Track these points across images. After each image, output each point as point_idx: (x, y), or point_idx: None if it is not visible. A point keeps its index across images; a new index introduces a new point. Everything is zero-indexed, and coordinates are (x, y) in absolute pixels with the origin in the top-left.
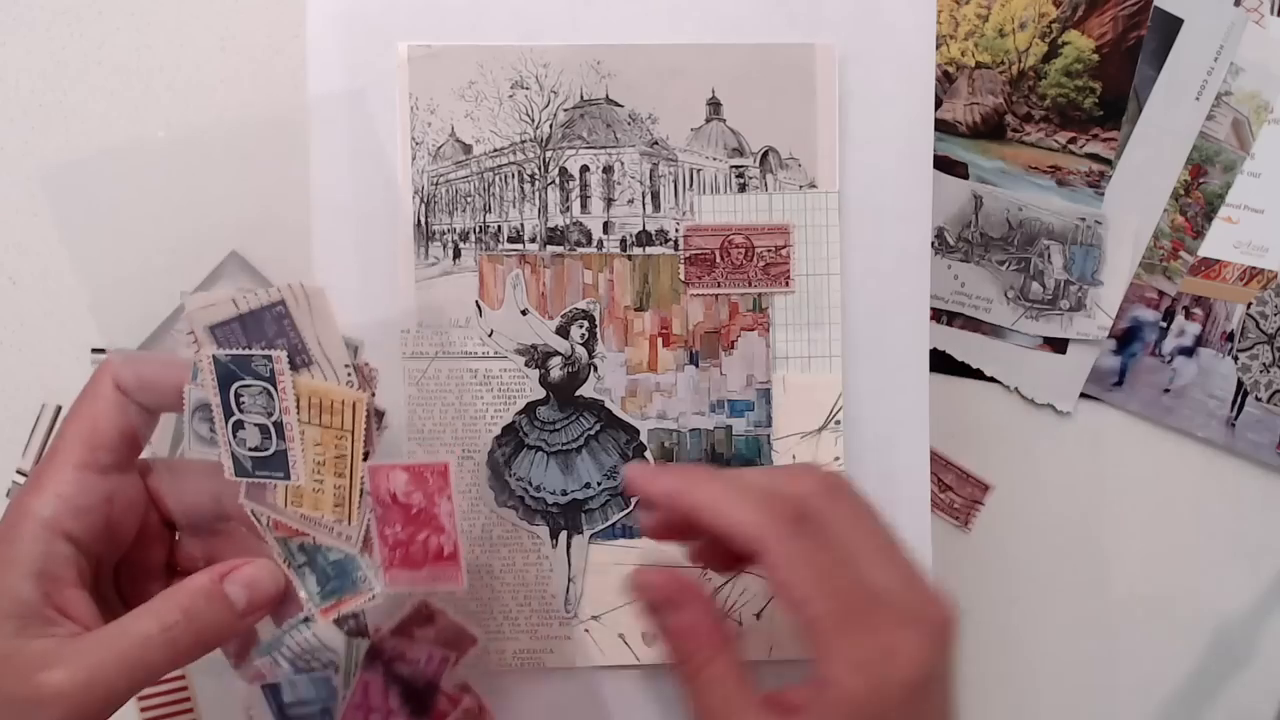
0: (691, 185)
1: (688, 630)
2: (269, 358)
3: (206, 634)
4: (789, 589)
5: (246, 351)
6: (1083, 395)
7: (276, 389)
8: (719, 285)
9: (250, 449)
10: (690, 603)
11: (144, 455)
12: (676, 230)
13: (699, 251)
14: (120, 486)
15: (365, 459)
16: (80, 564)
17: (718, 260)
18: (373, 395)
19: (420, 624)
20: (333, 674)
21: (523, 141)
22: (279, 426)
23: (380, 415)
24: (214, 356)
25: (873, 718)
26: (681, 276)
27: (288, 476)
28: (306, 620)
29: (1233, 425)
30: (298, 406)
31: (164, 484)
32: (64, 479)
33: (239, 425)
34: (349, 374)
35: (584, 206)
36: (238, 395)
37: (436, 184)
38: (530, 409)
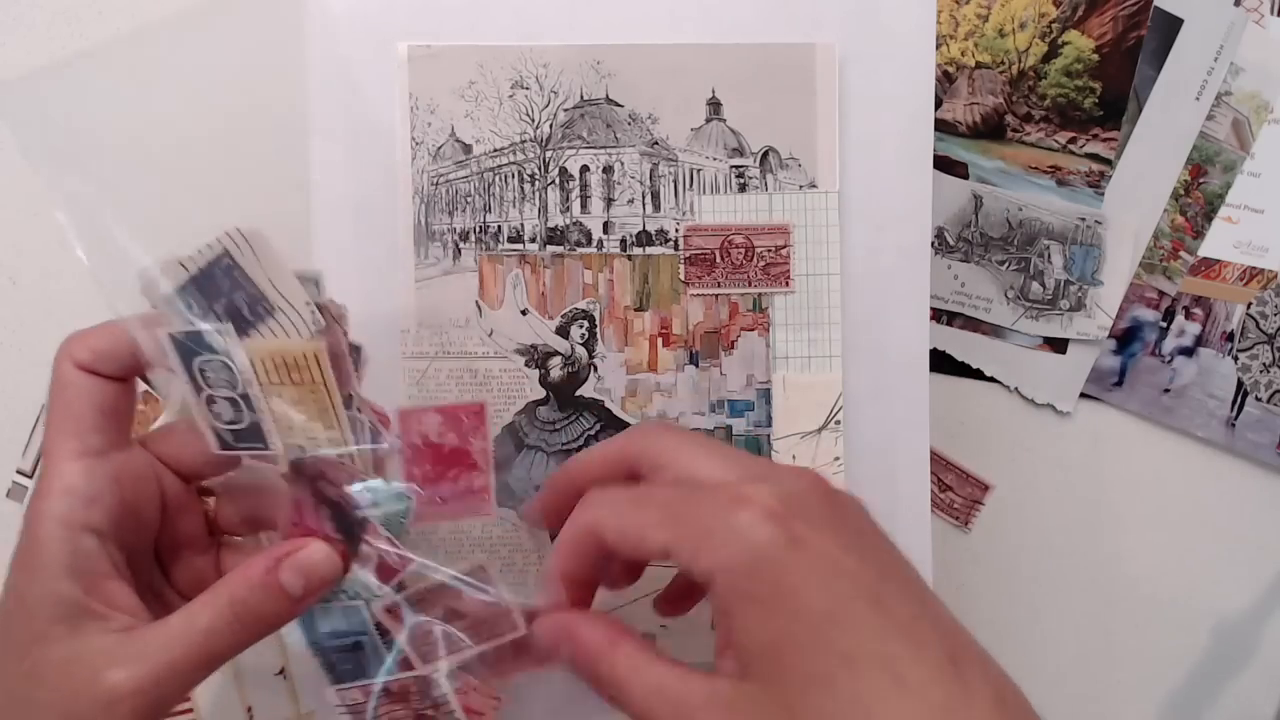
0: (691, 185)
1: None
2: (219, 332)
3: (264, 623)
4: (624, 538)
5: (198, 327)
6: (1083, 395)
7: (234, 362)
8: (719, 285)
9: (227, 423)
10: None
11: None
12: (676, 230)
13: (699, 251)
14: (123, 464)
15: (350, 402)
16: (110, 554)
17: (718, 260)
18: (345, 332)
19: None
20: (363, 605)
21: (523, 141)
22: (246, 399)
23: (358, 350)
24: (170, 335)
25: (754, 568)
26: (681, 276)
27: (266, 447)
28: None
29: (1233, 425)
30: (265, 369)
31: (170, 446)
32: (64, 473)
33: (211, 400)
34: (313, 312)
35: (584, 206)
36: (202, 371)
37: (436, 184)
38: (530, 409)
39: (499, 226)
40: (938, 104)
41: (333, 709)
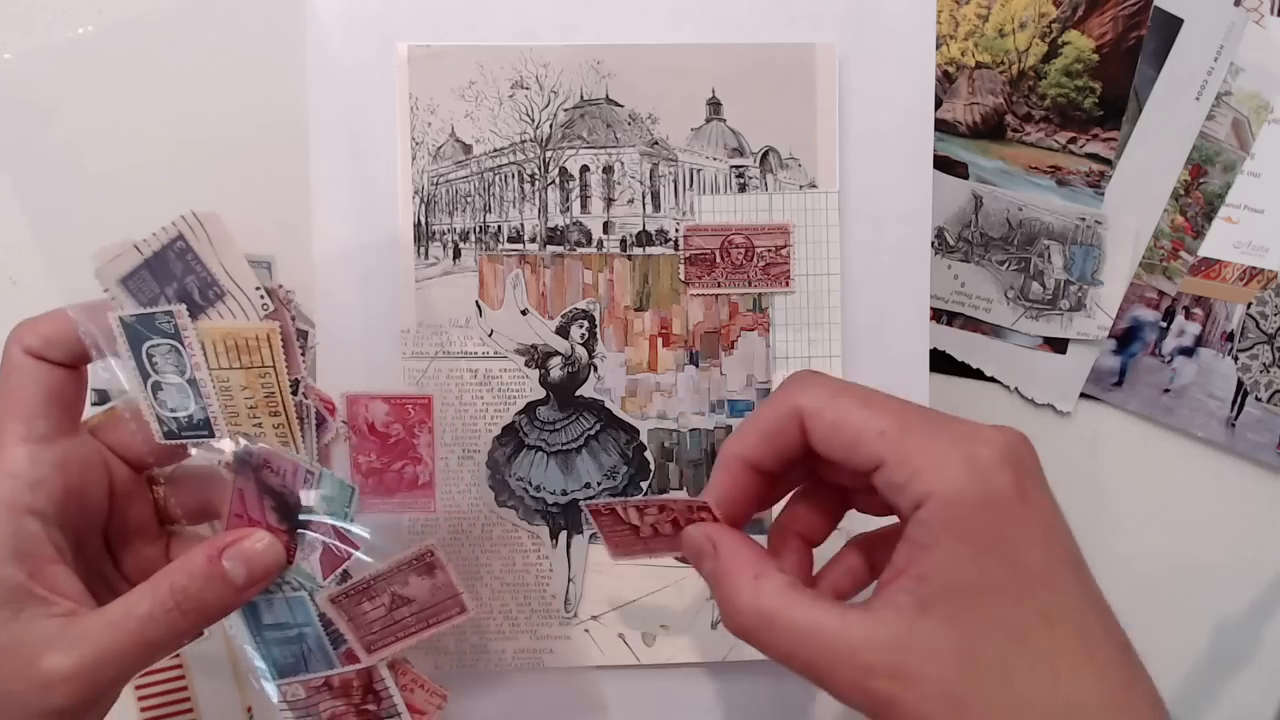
0: (691, 185)
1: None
2: (170, 314)
3: (207, 611)
4: (839, 430)
5: (150, 310)
6: (1083, 395)
7: (184, 345)
8: (719, 285)
9: (172, 410)
10: (723, 535)
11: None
12: (676, 230)
13: (699, 251)
14: (70, 450)
15: (296, 387)
16: (55, 539)
17: (718, 260)
18: (292, 317)
19: (419, 571)
20: (306, 596)
21: (523, 141)
22: (194, 384)
23: (304, 334)
24: (120, 318)
25: (984, 507)
26: (681, 276)
27: (211, 435)
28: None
29: (1233, 425)
30: (215, 352)
31: (115, 435)
32: (10, 457)
33: (158, 386)
34: (262, 297)
35: (584, 206)
36: (150, 356)
37: (436, 184)
38: (530, 409)
39: (499, 226)
40: (938, 104)
41: (273, 705)
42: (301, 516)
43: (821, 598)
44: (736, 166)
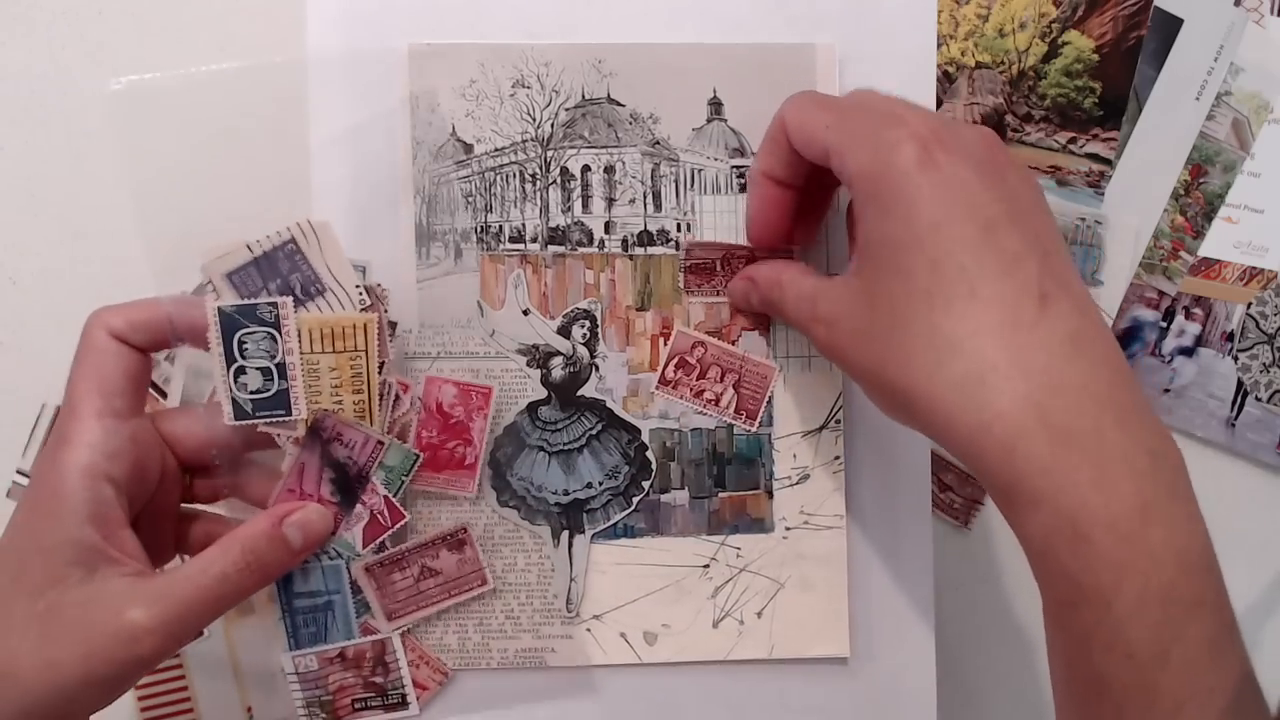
0: (693, 185)
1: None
2: (274, 304)
3: (268, 571)
4: (801, 130)
5: (252, 301)
6: None
7: (281, 333)
8: (719, 293)
9: (251, 392)
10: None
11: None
12: (678, 230)
13: (699, 261)
14: (138, 429)
15: (381, 369)
16: (124, 504)
17: (718, 268)
18: (385, 311)
19: (450, 546)
20: (342, 564)
21: (524, 141)
22: (281, 367)
23: (393, 326)
24: (219, 308)
25: (882, 177)
26: (681, 285)
27: (289, 413)
28: None
29: (1233, 425)
30: (311, 339)
31: (177, 425)
32: (89, 428)
33: (241, 371)
34: (361, 294)
35: (585, 206)
36: (241, 343)
37: (437, 184)
38: (532, 409)
39: (500, 226)
40: (938, 104)
41: (284, 675)
42: (362, 490)
43: (818, 274)
44: (738, 166)
